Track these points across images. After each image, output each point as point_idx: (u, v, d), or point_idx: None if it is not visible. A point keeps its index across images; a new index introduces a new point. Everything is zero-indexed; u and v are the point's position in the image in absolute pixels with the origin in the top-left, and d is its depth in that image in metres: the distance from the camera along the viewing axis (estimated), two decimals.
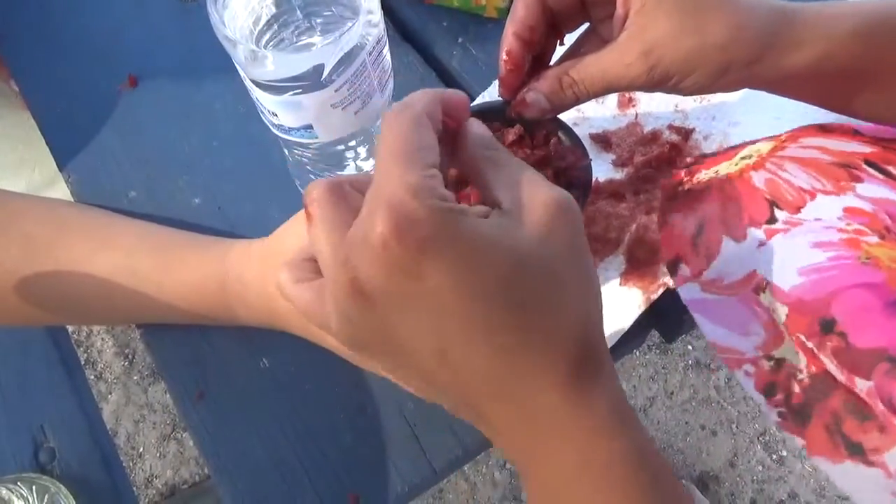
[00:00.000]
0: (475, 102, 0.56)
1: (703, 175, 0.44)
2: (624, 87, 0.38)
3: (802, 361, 0.36)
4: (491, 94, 0.56)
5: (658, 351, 1.41)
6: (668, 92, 0.38)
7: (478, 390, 0.27)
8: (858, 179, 0.38)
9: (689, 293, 0.42)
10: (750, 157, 0.43)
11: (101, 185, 0.58)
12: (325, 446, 0.47)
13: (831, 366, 0.35)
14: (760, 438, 1.32)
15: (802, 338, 0.36)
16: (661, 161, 0.53)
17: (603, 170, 0.53)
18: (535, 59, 0.41)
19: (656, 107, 0.55)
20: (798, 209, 0.38)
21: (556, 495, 0.28)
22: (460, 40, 0.62)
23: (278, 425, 0.48)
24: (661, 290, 0.46)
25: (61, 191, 0.76)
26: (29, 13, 0.68)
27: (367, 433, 0.47)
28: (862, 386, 0.33)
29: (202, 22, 0.40)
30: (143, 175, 0.58)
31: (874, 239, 0.36)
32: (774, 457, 1.31)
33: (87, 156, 0.60)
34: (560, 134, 0.43)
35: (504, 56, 0.39)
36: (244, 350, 0.50)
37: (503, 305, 0.26)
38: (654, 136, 0.54)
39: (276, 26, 0.42)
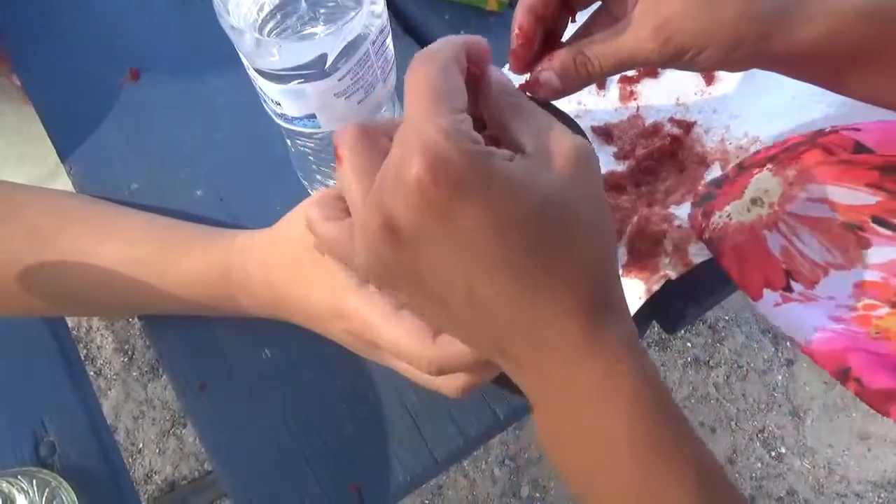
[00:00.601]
0: None
1: (718, 219, 0.45)
2: (638, 63, 0.38)
3: None
4: None
5: (657, 348, 1.42)
6: (681, 68, 0.39)
7: (501, 324, 0.28)
8: (867, 245, 0.41)
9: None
10: (760, 203, 0.44)
11: (103, 178, 0.58)
12: (326, 436, 0.47)
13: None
14: (759, 435, 1.33)
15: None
16: (663, 154, 0.53)
17: (604, 162, 0.53)
18: (545, 36, 0.41)
19: (658, 100, 0.55)
20: (813, 284, 0.41)
21: (568, 419, 0.30)
22: (462, 33, 0.61)
23: (280, 416, 0.48)
24: (662, 282, 0.46)
25: (62, 184, 0.76)
26: (30, 6, 0.68)
27: (368, 424, 0.47)
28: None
29: (204, 13, 0.40)
30: (145, 167, 0.58)
31: (885, 310, 0.39)
32: (773, 454, 1.31)
33: (89, 148, 0.60)
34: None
35: (516, 30, 0.39)
36: (246, 341, 0.50)
37: (529, 244, 0.27)
38: (656, 129, 0.54)
39: (279, 15, 0.42)
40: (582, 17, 0.43)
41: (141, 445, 1.37)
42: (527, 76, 0.40)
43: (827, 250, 0.41)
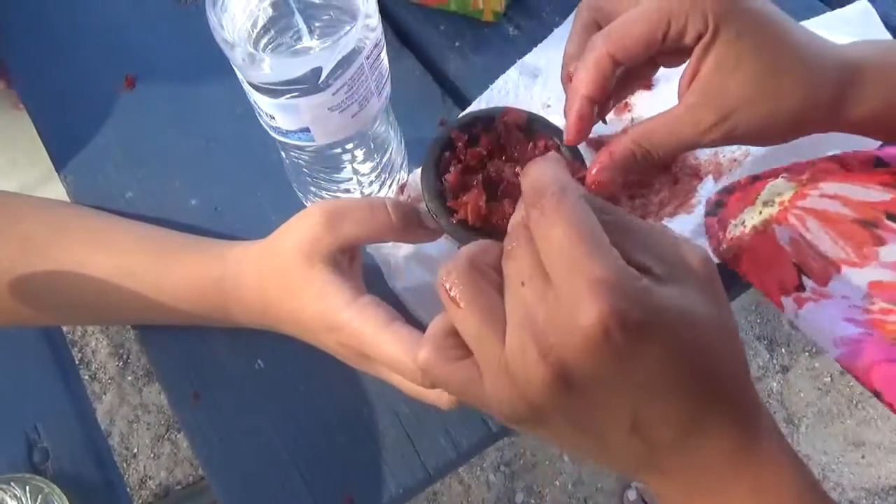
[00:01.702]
0: (471, 108, 0.57)
1: (733, 228, 0.45)
2: (697, 147, 0.38)
3: None
4: (487, 99, 0.57)
5: None
6: (736, 144, 0.39)
7: (660, 446, 0.28)
8: (881, 242, 0.40)
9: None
10: (772, 202, 0.43)
11: (97, 186, 0.58)
12: (319, 448, 0.47)
13: None
14: None
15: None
16: (657, 166, 0.53)
17: None
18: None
19: (652, 112, 0.55)
20: (826, 281, 0.40)
21: None
22: (457, 45, 0.62)
23: (273, 427, 0.48)
24: None
25: (54, 191, 0.76)
26: (26, 13, 0.68)
27: (361, 435, 0.47)
28: None
29: (200, 23, 0.40)
30: (140, 176, 0.58)
31: None
32: None
33: (84, 157, 0.60)
34: (557, 140, 0.44)
35: (576, 120, 0.38)
36: (239, 351, 0.50)
37: (699, 370, 0.27)
38: None
39: (273, 30, 0.42)
40: None
41: (136, 450, 1.37)
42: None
43: (840, 246, 0.40)
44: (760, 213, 0.44)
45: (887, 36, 0.55)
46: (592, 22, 0.41)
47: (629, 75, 0.42)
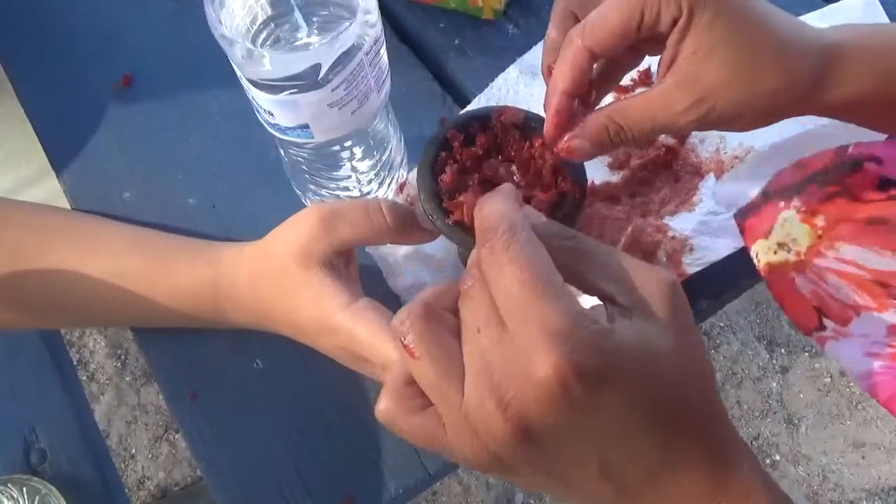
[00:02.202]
0: (469, 106, 0.56)
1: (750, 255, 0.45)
2: (673, 131, 0.38)
3: None
4: (487, 97, 0.56)
5: None
6: (714, 129, 0.38)
7: (631, 485, 0.28)
8: None
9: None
10: (787, 248, 0.43)
11: (95, 185, 0.58)
12: (318, 448, 0.47)
13: None
14: (754, 443, 1.33)
15: None
16: (657, 164, 0.53)
17: (599, 173, 0.53)
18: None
19: None
20: (846, 322, 0.41)
21: None
22: (457, 42, 0.62)
23: (272, 427, 0.48)
24: None
25: (49, 187, 0.75)
26: (22, 11, 0.68)
27: (361, 435, 0.47)
28: None
29: (198, 20, 0.40)
30: (138, 175, 0.58)
31: None
32: (768, 461, 1.31)
33: (82, 155, 0.59)
34: None
35: (554, 115, 0.38)
36: (237, 351, 0.50)
37: (663, 408, 0.26)
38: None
39: (272, 25, 0.41)
40: None
41: (134, 451, 1.36)
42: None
43: (858, 295, 0.41)
44: (776, 253, 0.44)
45: None
46: (570, 13, 0.40)
47: (613, 65, 0.42)
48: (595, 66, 0.39)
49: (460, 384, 0.27)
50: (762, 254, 0.44)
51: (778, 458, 1.31)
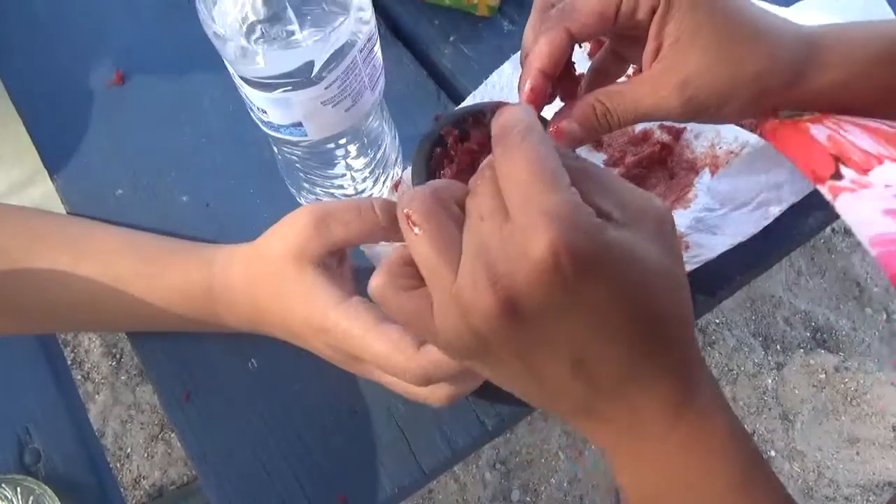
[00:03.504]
0: (465, 103, 0.56)
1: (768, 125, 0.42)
2: (657, 117, 0.38)
3: None
4: (482, 93, 0.56)
5: None
6: (702, 122, 0.39)
7: (600, 389, 0.29)
8: None
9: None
10: (800, 115, 0.41)
11: (88, 183, 0.57)
12: (313, 448, 0.47)
13: None
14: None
15: None
16: (653, 161, 0.53)
17: None
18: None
19: None
20: (866, 171, 0.37)
21: (661, 472, 0.31)
22: (452, 39, 0.61)
23: (266, 427, 0.47)
24: None
25: (42, 190, 0.75)
26: (13, 9, 0.67)
27: (356, 435, 0.47)
28: None
29: (190, 15, 0.39)
30: (131, 173, 0.57)
31: None
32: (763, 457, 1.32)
33: (74, 153, 0.59)
34: None
35: (528, 92, 0.38)
36: (232, 351, 0.50)
37: (645, 313, 0.27)
38: (646, 136, 0.53)
39: (265, 23, 0.41)
40: None
41: (129, 450, 1.36)
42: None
43: (880, 144, 0.38)
44: (789, 115, 0.41)
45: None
46: (550, 5, 0.41)
47: (600, 74, 0.42)
48: (583, 82, 0.40)
49: (455, 264, 0.28)
50: (768, 125, 0.42)
51: (773, 454, 1.32)
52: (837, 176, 0.37)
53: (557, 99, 0.41)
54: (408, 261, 0.30)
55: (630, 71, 0.47)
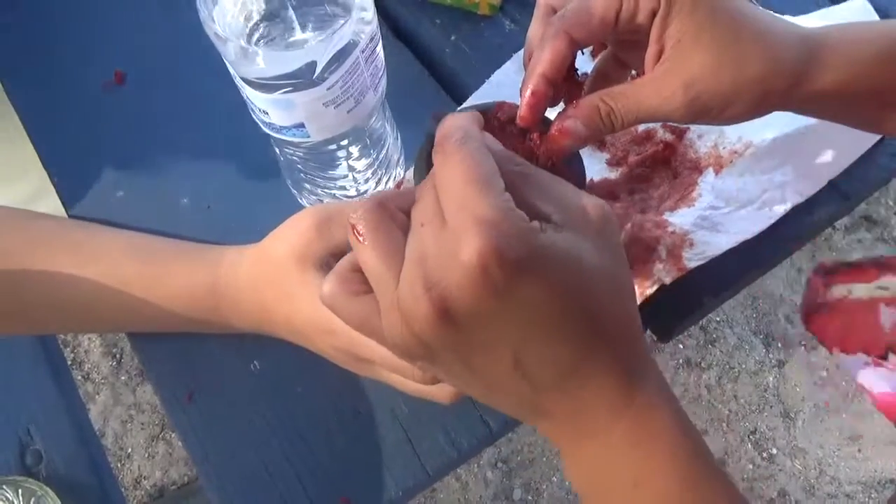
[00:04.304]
0: (467, 102, 0.56)
1: (837, 291, 0.49)
2: (661, 118, 0.38)
3: None
4: (484, 93, 0.56)
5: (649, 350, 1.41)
6: (706, 123, 0.39)
7: (543, 387, 0.29)
8: None
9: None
10: (887, 289, 0.47)
11: (87, 184, 0.57)
12: (316, 450, 0.46)
13: None
14: (751, 437, 1.33)
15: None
16: (656, 160, 0.52)
17: (597, 169, 0.53)
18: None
19: None
20: None
21: (607, 468, 0.31)
22: (453, 38, 0.61)
23: (269, 428, 0.47)
24: (656, 286, 0.45)
25: (46, 205, 0.74)
26: (11, 10, 0.67)
27: (359, 436, 0.47)
28: None
29: (190, 16, 0.39)
30: (131, 174, 0.57)
31: None
32: (765, 455, 1.32)
33: (73, 155, 0.59)
34: None
35: (530, 96, 0.38)
36: (234, 352, 0.49)
37: (582, 313, 0.28)
38: (649, 136, 0.53)
39: (266, 23, 0.41)
40: None
41: (130, 450, 1.36)
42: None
43: None
44: (873, 292, 0.47)
45: None
46: (552, 9, 0.41)
47: (601, 79, 0.42)
48: (585, 85, 0.41)
49: (398, 271, 0.28)
50: (857, 291, 0.48)
51: (775, 451, 1.32)
52: (884, 357, 0.45)
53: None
54: (356, 266, 0.31)
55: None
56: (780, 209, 0.48)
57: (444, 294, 0.26)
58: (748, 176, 0.50)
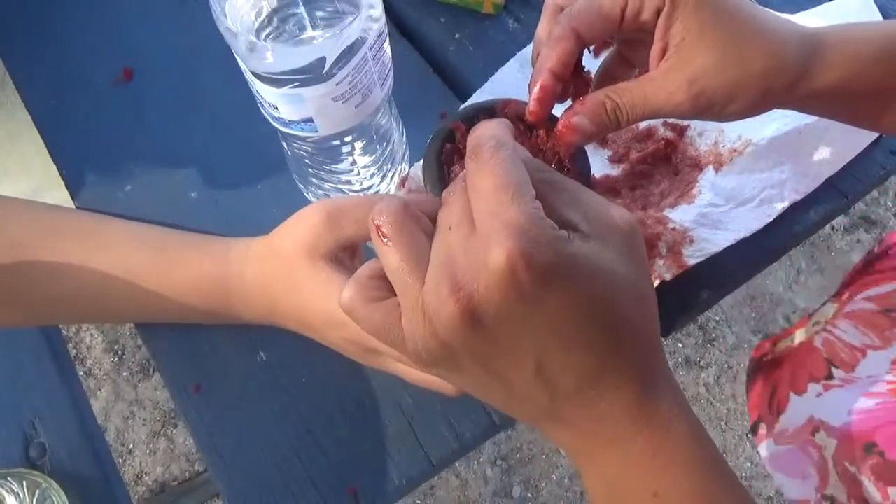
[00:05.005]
0: (471, 99, 0.56)
1: (782, 345, 0.52)
2: (665, 113, 0.39)
3: (844, 496, 0.45)
4: (488, 91, 0.57)
5: None
6: (709, 119, 0.39)
7: (563, 396, 0.29)
8: None
9: (767, 450, 0.52)
10: (819, 323, 0.50)
11: (96, 179, 0.58)
12: (322, 440, 0.47)
13: (869, 485, 0.42)
14: (748, 436, 1.33)
15: (846, 464, 0.44)
16: (657, 157, 0.53)
17: (599, 166, 0.53)
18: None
19: None
20: (852, 367, 0.45)
21: (623, 478, 0.31)
22: (457, 36, 0.62)
23: (276, 418, 0.48)
24: (656, 283, 0.46)
25: (48, 201, 0.74)
26: (22, 5, 0.67)
27: (364, 427, 0.47)
28: (894, 495, 0.41)
29: (200, 12, 0.40)
30: (139, 169, 0.58)
31: None
32: None
33: (82, 149, 0.59)
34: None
35: (538, 92, 0.39)
36: (241, 343, 0.50)
37: (606, 323, 0.28)
38: (650, 133, 0.54)
39: (277, 19, 0.42)
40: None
41: (131, 446, 1.36)
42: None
43: (864, 333, 0.45)
44: (808, 332, 0.50)
45: None
46: (559, 8, 0.42)
47: (606, 78, 0.43)
48: (591, 83, 0.41)
49: (422, 273, 0.29)
50: (798, 337, 0.51)
51: None
52: (829, 377, 0.46)
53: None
54: (375, 274, 0.32)
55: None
56: (779, 207, 0.49)
57: (472, 296, 0.26)
58: (747, 174, 0.51)
